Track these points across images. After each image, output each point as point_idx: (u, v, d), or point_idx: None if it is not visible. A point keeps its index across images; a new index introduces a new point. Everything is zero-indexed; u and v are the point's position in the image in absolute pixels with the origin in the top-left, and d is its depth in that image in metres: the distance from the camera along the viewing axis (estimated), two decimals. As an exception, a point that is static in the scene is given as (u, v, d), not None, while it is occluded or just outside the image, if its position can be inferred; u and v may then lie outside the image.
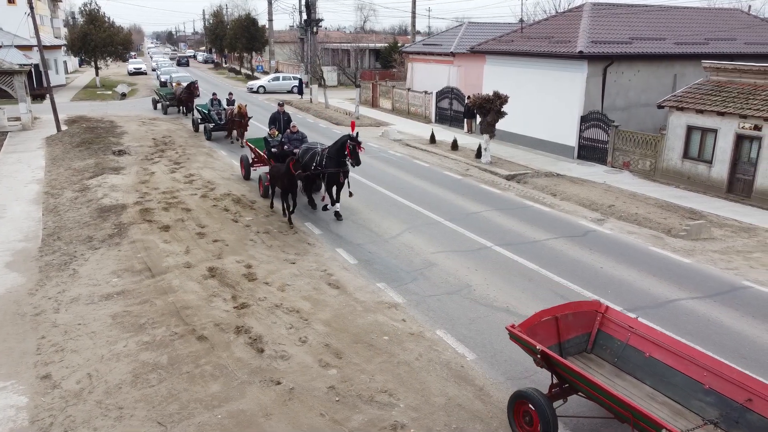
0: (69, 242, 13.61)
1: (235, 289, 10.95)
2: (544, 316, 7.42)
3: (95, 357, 8.76)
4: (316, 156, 14.89)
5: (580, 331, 7.64)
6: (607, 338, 7.60)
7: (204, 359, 8.60)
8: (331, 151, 14.55)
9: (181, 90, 33.29)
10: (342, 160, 14.35)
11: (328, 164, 14.58)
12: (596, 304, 7.84)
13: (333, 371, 8.27)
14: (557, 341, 7.44)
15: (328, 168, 14.59)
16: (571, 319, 7.57)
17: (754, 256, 13.03)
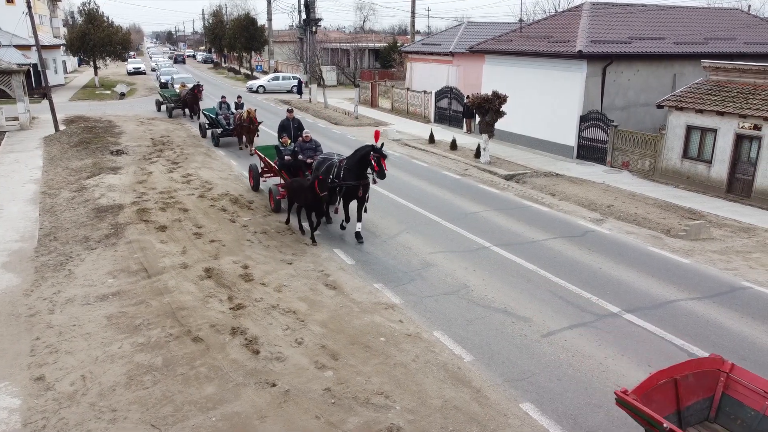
0: (65, 242, 13.53)
1: (231, 290, 10.88)
2: (661, 379, 6.33)
3: (89, 358, 8.69)
4: (333, 168, 13.35)
5: (701, 396, 6.51)
6: (735, 405, 6.41)
7: (199, 361, 8.53)
8: (351, 162, 12.99)
9: (185, 92, 32.45)
10: (362, 172, 12.92)
11: (347, 177, 12.98)
12: (718, 362, 6.67)
13: (329, 373, 8.20)
14: (676, 408, 6.33)
15: (347, 181, 12.97)
16: (691, 380, 6.46)
17: (753, 256, 12.97)
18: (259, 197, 17.31)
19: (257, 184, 17.83)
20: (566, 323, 9.68)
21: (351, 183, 13.00)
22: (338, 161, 13.48)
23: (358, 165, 12.85)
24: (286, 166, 15.32)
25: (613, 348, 8.95)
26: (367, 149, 12.67)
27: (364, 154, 12.71)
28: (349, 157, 13.24)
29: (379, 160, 12.39)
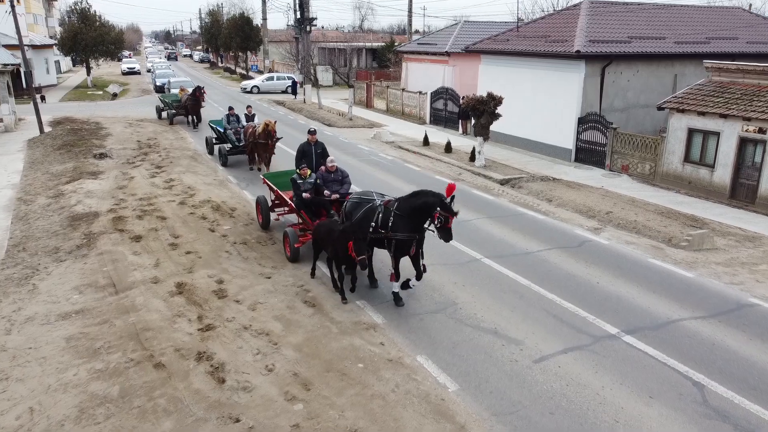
0: (34, 254, 12.82)
1: (202, 307, 10.16)
2: None
3: (41, 387, 7.97)
4: (376, 213, 10.20)
5: None
6: None
7: (158, 391, 7.81)
8: (403, 207, 9.91)
9: (186, 97, 29.66)
10: (419, 225, 9.93)
11: (397, 227, 9.89)
12: None
13: (299, 406, 7.47)
14: None
15: (397, 233, 9.88)
16: None
17: (760, 268, 12.25)
18: (242, 203, 16.58)
19: (267, 221, 14.27)
20: (560, 346, 8.96)
21: (402, 236, 9.87)
22: (382, 203, 10.29)
23: (415, 214, 9.78)
24: (306, 205, 12.30)
25: (611, 375, 8.23)
26: (433, 200, 9.45)
27: (427, 204, 9.55)
28: (402, 201, 10.04)
29: (446, 219, 9.32)
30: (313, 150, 14.32)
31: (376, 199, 10.54)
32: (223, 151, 21.27)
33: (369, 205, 10.42)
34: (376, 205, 10.34)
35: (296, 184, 12.23)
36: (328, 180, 12.30)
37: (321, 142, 14.60)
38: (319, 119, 33.58)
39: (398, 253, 10.12)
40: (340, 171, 12.49)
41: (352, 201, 10.92)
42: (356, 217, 10.38)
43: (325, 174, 12.32)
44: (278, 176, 14.62)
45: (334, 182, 12.34)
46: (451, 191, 9.52)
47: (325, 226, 10.75)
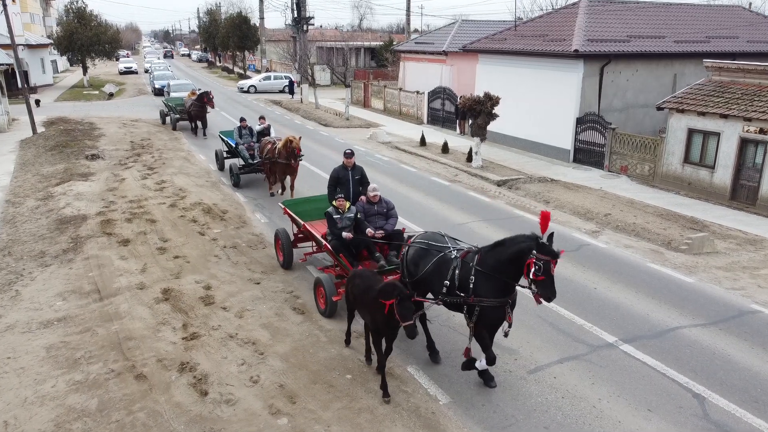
0: (19, 258, 12.53)
1: (188, 315, 9.87)
2: None
3: (18, 400, 7.68)
4: (450, 269, 7.75)
5: None
6: None
7: (138, 404, 7.52)
8: (488, 262, 7.46)
9: (190, 102, 26.98)
10: (511, 282, 7.43)
11: (482, 287, 7.43)
12: None
13: (283, 420, 7.19)
14: None
15: (482, 297, 7.43)
16: None
17: (761, 273, 11.96)
18: (233, 206, 16.28)
19: (289, 258, 11.83)
20: (556, 356, 8.67)
21: (491, 302, 7.44)
22: (459, 257, 7.81)
23: (505, 270, 7.33)
24: (345, 246, 9.82)
25: (609, 387, 7.94)
26: (527, 245, 7.02)
27: (520, 253, 7.09)
28: (485, 253, 7.60)
29: (547, 266, 6.91)
30: (351, 176, 11.39)
31: (449, 246, 8.11)
32: (235, 170, 18.18)
33: (440, 255, 8.00)
34: (450, 257, 7.88)
35: (332, 220, 9.79)
36: (371, 213, 10.08)
37: (360, 166, 11.67)
38: (315, 119, 33.29)
39: (485, 322, 7.59)
40: (385, 201, 10.23)
41: (417, 247, 8.39)
42: (424, 270, 8.07)
43: (367, 206, 10.12)
44: (300, 204, 12.36)
45: (377, 216, 10.10)
46: (547, 222, 7.19)
47: (361, 280, 8.00)
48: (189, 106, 26.95)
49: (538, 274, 6.92)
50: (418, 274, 8.20)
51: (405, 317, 6.88)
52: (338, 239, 9.78)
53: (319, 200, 12.32)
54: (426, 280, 8.16)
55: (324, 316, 9.78)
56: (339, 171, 11.45)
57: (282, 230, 12.08)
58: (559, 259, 7.04)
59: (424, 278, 8.15)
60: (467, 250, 7.97)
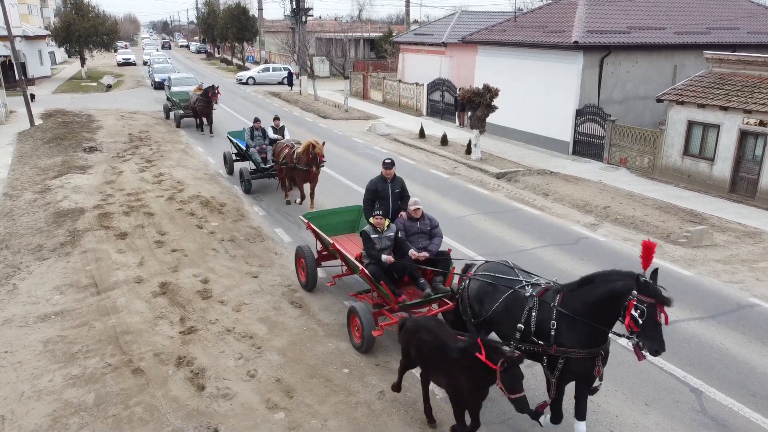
0: (16, 252, 12.50)
1: (185, 309, 9.85)
2: None
3: (15, 394, 7.67)
4: (524, 309, 6.52)
5: None
6: None
7: (135, 398, 7.51)
8: (574, 303, 6.17)
9: (195, 97, 25.45)
10: (604, 329, 6.08)
11: (566, 334, 6.15)
12: None
13: (280, 415, 7.18)
14: None
15: (567, 347, 6.12)
16: None
17: (760, 266, 11.94)
18: (231, 198, 16.24)
19: (312, 279, 10.51)
20: (554, 350, 8.64)
21: (579, 354, 6.09)
22: (537, 293, 6.55)
23: (596, 313, 6.00)
24: (385, 271, 8.51)
25: (606, 381, 7.87)
26: (624, 285, 5.81)
27: (614, 294, 5.85)
28: (569, 292, 6.31)
29: (651, 310, 5.58)
30: (390, 189, 9.93)
31: (521, 281, 6.81)
32: (246, 175, 16.62)
33: (511, 292, 6.72)
34: (524, 295, 6.61)
35: (370, 241, 8.58)
36: (412, 231, 8.88)
37: (400, 177, 10.19)
38: (314, 111, 33.18)
39: (569, 378, 6.32)
40: (428, 218, 9.05)
41: (481, 280, 7.11)
42: (492, 310, 6.79)
43: (408, 223, 8.92)
44: (324, 217, 10.96)
45: (419, 234, 8.89)
46: (650, 254, 5.93)
47: (429, 335, 6.41)
48: (194, 101, 25.38)
49: (640, 320, 5.55)
50: (484, 315, 6.93)
51: (513, 388, 5.44)
52: (377, 263, 8.44)
53: (344, 212, 11.23)
54: (494, 321, 6.87)
55: (359, 351, 8.54)
56: (377, 183, 9.91)
57: (305, 248, 10.50)
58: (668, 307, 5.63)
59: (491, 319, 6.87)
60: (545, 286, 6.62)
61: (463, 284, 7.43)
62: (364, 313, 8.42)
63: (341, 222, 11.00)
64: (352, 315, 8.65)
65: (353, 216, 11.08)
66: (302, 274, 10.67)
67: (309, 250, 10.49)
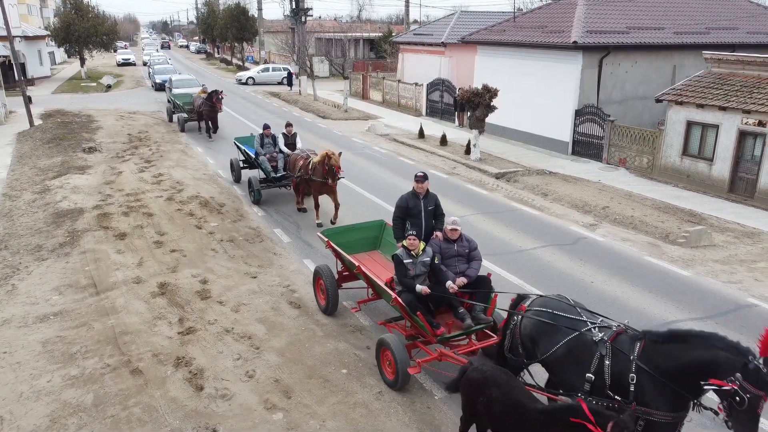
0: (16, 252, 12.51)
1: (184, 309, 9.86)
2: None
3: (13, 395, 7.68)
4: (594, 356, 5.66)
5: None
6: None
7: (134, 399, 7.52)
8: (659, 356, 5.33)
9: (200, 100, 24.68)
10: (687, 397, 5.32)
11: (649, 393, 5.33)
12: None
13: (278, 415, 7.19)
14: None
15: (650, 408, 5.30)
16: None
17: (758, 266, 11.95)
18: (231, 199, 16.23)
19: (333, 302, 9.55)
20: (552, 350, 8.65)
21: (662, 417, 5.29)
22: (609, 337, 5.66)
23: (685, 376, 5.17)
24: (421, 300, 7.61)
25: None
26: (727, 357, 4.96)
27: (713, 361, 5.02)
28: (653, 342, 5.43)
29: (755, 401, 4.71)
30: (423, 206, 8.90)
31: (586, 321, 5.94)
32: (255, 184, 15.62)
33: (575, 335, 5.84)
34: (591, 339, 5.73)
35: (403, 267, 7.69)
36: (449, 254, 8.04)
37: (433, 193, 9.21)
38: (313, 111, 33.19)
39: None
40: (466, 239, 8.24)
41: (537, 317, 6.23)
42: (551, 352, 5.96)
43: (444, 245, 8.12)
44: (343, 234, 10.16)
45: (456, 258, 8.05)
46: None
47: (501, 391, 5.59)
48: (199, 104, 24.56)
49: (737, 407, 4.70)
50: (539, 357, 6.14)
51: None
52: (412, 292, 7.57)
53: (365, 228, 10.50)
54: (552, 365, 6.06)
55: (392, 389, 7.70)
56: (408, 200, 8.91)
57: (325, 268, 9.54)
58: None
59: (548, 363, 6.08)
60: (618, 330, 5.72)
61: (513, 319, 6.56)
62: (397, 347, 7.45)
63: (362, 239, 10.28)
64: (383, 348, 7.70)
65: (375, 232, 10.42)
66: (321, 296, 9.76)
67: (329, 271, 9.49)
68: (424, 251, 7.86)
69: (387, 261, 9.72)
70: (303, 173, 14.07)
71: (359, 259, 9.53)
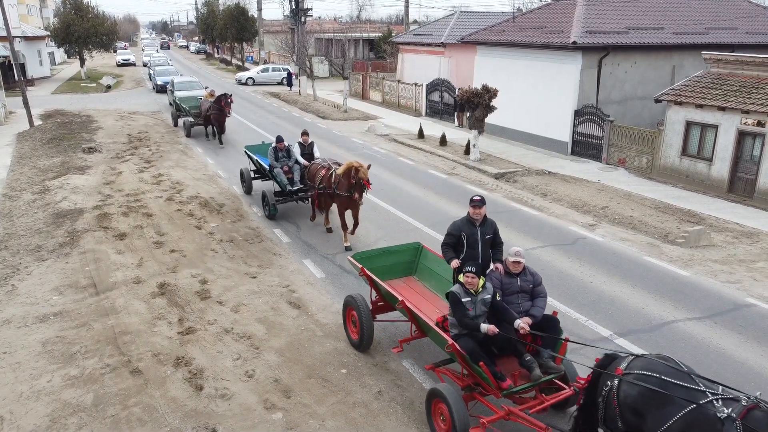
0: (16, 252, 12.52)
1: (183, 309, 9.88)
2: None
3: (13, 395, 7.70)
4: None
5: None
6: None
7: (134, 399, 7.54)
8: None
9: (208, 105, 23.38)
10: None
11: None
12: None
13: (278, 415, 7.21)
14: None
15: None
16: None
17: (757, 266, 11.97)
18: (230, 199, 16.25)
19: (368, 336, 8.42)
20: (551, 350, 8.66)
21: None
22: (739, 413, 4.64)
23: None
24: (481, 343, 6.63)
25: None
26: None
27: None
28: None
29: None
30: (479, 234, 7.81)
31: (703, 390, 4.95)
32: (270, 198, 14.34)
33: (692, 408, 4.85)
34: (714, 414, 4.72)
35: (461, 307, 6.67)
36: (511, 290, 7.10)
37: (491, 219, 8.13)
38: (313, 111, 33.21)
39: None
40: (530, 272, 7.25)
41: (640, 382, 5.22)
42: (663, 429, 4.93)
43: (506, 279, 7.15)
44: (376, 258, 9.21)
45: (520, 294, 7.11)
46: None
47: None
48: (207, 108, 23.27)
49: None
50: None
51: None
52: (472, 334, 6.61)
53: (399, 252, 9.54)
54: None
55: None
56: (462, 227, 7.84)
57: (359, 298, 8.49)
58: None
59: None
60: (749, 405, 4.67)
61: (607, 383, 5.52)
62: (455, 401, 6.33)
63: (397, 264, 9.38)
64: (436, 401, 6.65)
65: (410, 256, 9.53)
66: (353, 330, 8.69)
67: (364, 302, 8.43)
68: (484, 287, 6.79)
69: (425, 289, 9.09)
70: (326, 186, 12.74)
71: (394, 286, 8.63)
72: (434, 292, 8.92)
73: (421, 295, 8.87)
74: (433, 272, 9.16)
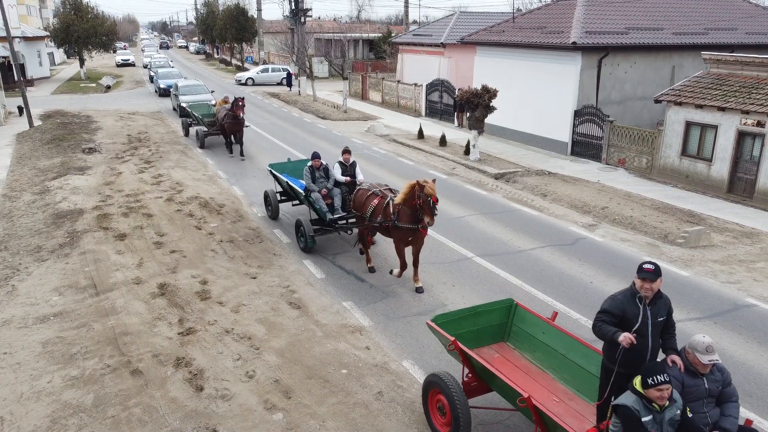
0: (15, 253, 12.51)
1: (183, 310, 9.88)
2: None
3: (14, 396, 7.69)
4: None
5: None
6: None
7: (134, 399, 7.53)
8: None
9: (223, 112, 21.02)
10: None
11: None
12: None
13: (278, 416, 7.21)
14: None
15: None
16: None
17: (757, 266, 11.97)
18: (230, 199, 16.25)
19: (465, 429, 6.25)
20: (551, 350, 8.66)
21: None
22: None
23: None
24: None
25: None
26: None
27: None
28: None
29: None
30: (650, 316, 5.57)
31: None
32: (308, 229, 12.12)
33: None
34: None
35: (641, 428, 4.87)
36: (695, 395, 5.42)
37: (665, 296, 5.89)
38: (312, 112, 33.20)
39: None
40: (719, 368, 5.57)
41: None
42: None
43: (688, 380, 5.44)
44: (463, 320, 7.38)
45: (707, 400, 5.48)
46: None
47: None
48: (223, 116, 20.84)
49: None
50: None
51: None
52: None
53: (488, 312, 7.58)
54: None
55: None
56: (625, 305, 5.60)
57: (448, 378, 6.44)
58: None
59: None
60: None
61: None
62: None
63: (486, 327, 7.53)
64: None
65: (501, 317, 7.65)
66: (441, 421, 6.66)
67: (455, 383, 6.38)
68: (671, 399, 4.96)
69: (521, 359, 7.30)
70: (384, 219, 10.49)
71: (485, 356, 6.99)
72: (533, 363, 7.21)
73: (518, 366, 7.12)
74: (527, 335, 7.44)
